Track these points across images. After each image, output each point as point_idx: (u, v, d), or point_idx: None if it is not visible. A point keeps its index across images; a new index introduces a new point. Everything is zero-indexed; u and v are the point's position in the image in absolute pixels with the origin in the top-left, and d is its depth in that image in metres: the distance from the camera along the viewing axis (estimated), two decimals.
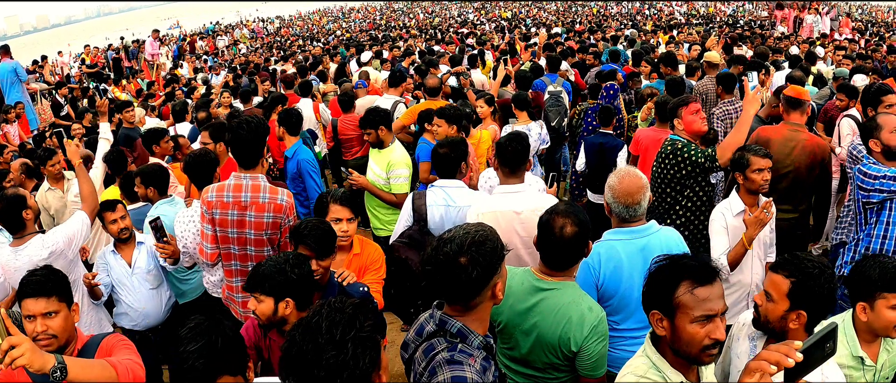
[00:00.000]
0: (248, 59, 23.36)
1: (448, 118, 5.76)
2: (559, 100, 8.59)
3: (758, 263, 4.18)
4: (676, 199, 4.89)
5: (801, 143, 4.99)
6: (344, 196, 3.76)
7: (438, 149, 4.55)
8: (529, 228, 3.70)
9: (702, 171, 4.73)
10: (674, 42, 14.42)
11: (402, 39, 25.36)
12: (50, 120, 13.13)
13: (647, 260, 3.26)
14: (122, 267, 4.76)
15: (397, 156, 5.50)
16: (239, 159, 4.06)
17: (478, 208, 3.95)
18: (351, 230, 3.77)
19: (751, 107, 4.63)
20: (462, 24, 34.17)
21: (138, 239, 4.88)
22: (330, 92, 11.25)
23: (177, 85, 15.46)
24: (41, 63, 21.05)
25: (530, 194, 3.94)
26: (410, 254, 4.31)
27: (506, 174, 3.98)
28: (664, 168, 4.88)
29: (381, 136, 5.51)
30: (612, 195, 3.39)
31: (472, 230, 2.35)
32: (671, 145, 4.84)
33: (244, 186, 4.00)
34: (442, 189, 4.49)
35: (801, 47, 15.70)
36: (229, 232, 4.05)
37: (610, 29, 24.54)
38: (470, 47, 16.42)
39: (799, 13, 24.40)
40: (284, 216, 4.05)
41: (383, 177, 5.47)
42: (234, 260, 4.15)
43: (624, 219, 3.41)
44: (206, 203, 4.06)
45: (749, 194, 4.10)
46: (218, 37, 34.93)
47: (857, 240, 4.25)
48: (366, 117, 5.50)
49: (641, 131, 6.70)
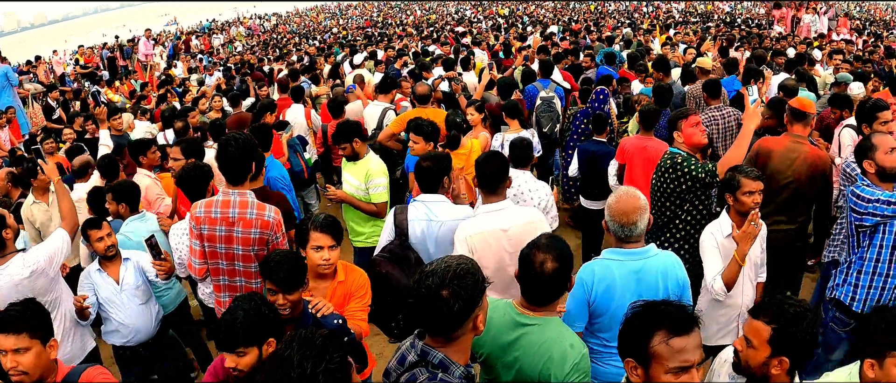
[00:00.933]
0: (243, 57, 23.25)
1: (425, 135, 5.67)
2: (551, 106, 8.49)
3: (748, 284, 4.12)
4: (676, 213, 4.83)
5: (803, 155, 4.96)
6: (325, 223, 3.66)
7: (421, 162, 4.52)
8: (517, 245, 3.62)
9: (702, 186, 4.67)
10: (670, 43, 14.30)
11: (398, 37, 25.28)
12: (41, 124, 13.03)
13: (641, 283, 3.32)
14: (111, 284, 4.70)
15: (374, 166, 5.45)
16: (227, 175, 4.05)
17: (465, 231, 3.92)
18: (333, 257, 3.68)
19: (750, 122, 4.58)
20: (458, 21, 34.02)
21: (124, 255, 4.81)
22: (323, 95, 11.17)
23: (170, 86, 15.34)
24: (35, 63, 20.90)
25: (514, 210, 3.96)
26: (391, 268, 4.30)
27: (486, 194, 3.99)
28: (663, 182, 4.81)
29: (356, 149, 5.45)
30: (609, 214, 3.39)
31: (454, 263, 2.36)
32: (671, 159, 4.77)
33: (232, 202, 4.00)
34: (424, 203, 4.47)
35: (799, 48, 15.60)
36: (217, 247, 4.07)
37: (607, 27, 24.44)
38: (465, 47, 16.30)
39: (796, 12, 24.28)
40: (272, 233, 4.05)
41: (362, 188, 5.43)
42: (223, 275, 4.17)
43: (621, 239, 3.40)
44: (194, 218, 4.06)
45: (739, 215, 4.02)
46: (213, 35, 34.77)
47: (850, 262, 4.17)
48: (339, 131, 5.42)
49: (626, 140, 6.68)
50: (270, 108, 7.68)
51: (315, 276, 3.74)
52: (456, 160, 6.31)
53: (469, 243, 3.88)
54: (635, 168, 6.43)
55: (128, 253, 4.86)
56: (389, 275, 4.27)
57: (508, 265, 3.83)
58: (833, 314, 4.28)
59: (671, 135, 4.93)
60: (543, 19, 31.52)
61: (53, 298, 4.39)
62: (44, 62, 21.51)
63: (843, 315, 4.22)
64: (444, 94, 9.13)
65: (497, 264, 3.91)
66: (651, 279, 3.35)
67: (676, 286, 3.39)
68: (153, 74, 17.66)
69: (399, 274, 4.27)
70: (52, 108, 14.13)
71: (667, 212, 4.85)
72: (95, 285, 4.68)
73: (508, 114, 7.07)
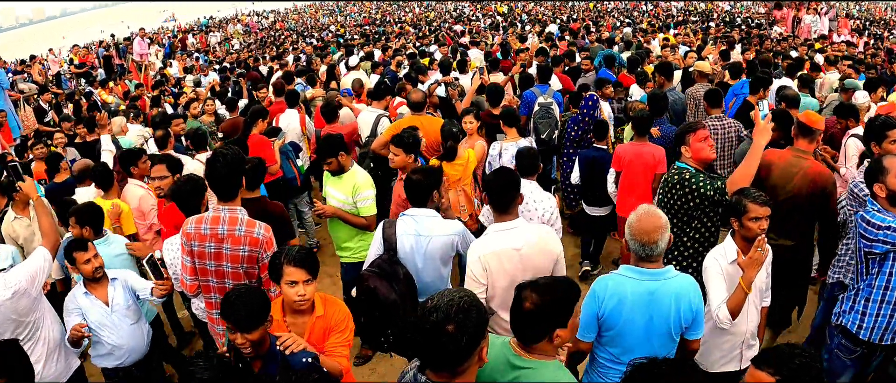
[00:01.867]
0: (239, 56, 23.10)
1: (405, 147, 5.51)
2: (549, 112, 8.35)
3: (753, 310, 3.97)
4: (683, 231, 4.68)
5: (804, 171, 4.81)
6: (299, 256, 3.49)
7: (411, 175, 4.46)
8: (531, 264, 3.79)
9: (711, 204, 4.52)
10: (669, 45, 14.11)
11: (395, 36, 25.12)
12: (33, 126, 12.82)
13: (653, 304, 3.32)
14: (100, 307, 4.53)
15: (360, 179, 5.34)
16: (217, 192, 4.01)
17: (478, 250, 3.85)
18: (309, 293, 3.52)
19: (761, 139, 4.42)
20: (457, 19, 33.85)
21: (111, 275, 4.65)
22: (318, 97, 10.98)
23: (165, 86, 15.18)
24: (29, 63, 20.71)
25: (526, 229, 3.87)
26: (379, 283, 4.28)
27: (500, 212, 3.91)
28: (671, 198, 4.66)
29: (342, 162, 5.31)
30: (630, 233, 3.36)
31: (456, 297, 2.34)
32: (678, 175, 4.61)
33: (222, 218, 3.98)
34: (413, 218, 4.44)
35: (800, 50, 15.43)
36: (207, 264, 4.06)
37: (606, 27, 24.26)
38: (463, 47, 16.11)
39: (797, 13, 24.10)
40: (261, 250, 4.00)
41: (349, 202, 5.31)
42: (213, 292, 4.16)
43: (640, 258, 3.37)
44: (185, 234, 4.05)
45: (744, 241, 3.87)
46: (210, 33, 34.57)
47: (858, 289, 4.01)
48: (324, 146, 5.28)
49: (622, 147, 6.63)
50: (262, 115, 7.50)
51: (292, 312, 3.60)
52: (453, 171, 6.17)
53: (483, 262, 3.80)
54: (632, 175, 6.41)
55: (114, 272, 4.71)
56: (377, 290, 4.25)
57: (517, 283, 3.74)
58: (839, 341, 4.13)
59: (678, 149, 4.78)
60: (542, 18, 31.36)
61: (36, 318, 4.32)
62: (38, 61, 21.31)
63: (849, 342, 4.07)
64: (441, 99, 8.96)
65: (509, 283, 3.77)
66: (664, 301, 3.32)
67: (689, 311, 3.36)
68: (148, 74, 17.46)
69: (386, 289, 4.25)
70: (44, 111, 13.95)
71: (674, 228, 4.67)
72: (83, 310, 4.49)
73: (506, 122, 6.91)
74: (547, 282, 2.74)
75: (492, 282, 3.82)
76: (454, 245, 4.46)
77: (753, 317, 3.98)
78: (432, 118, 7.46)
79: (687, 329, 3.44)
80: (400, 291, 4.30)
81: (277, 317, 3.56)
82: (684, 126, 4.81)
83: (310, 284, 3.51)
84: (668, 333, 3.38)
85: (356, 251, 5.44)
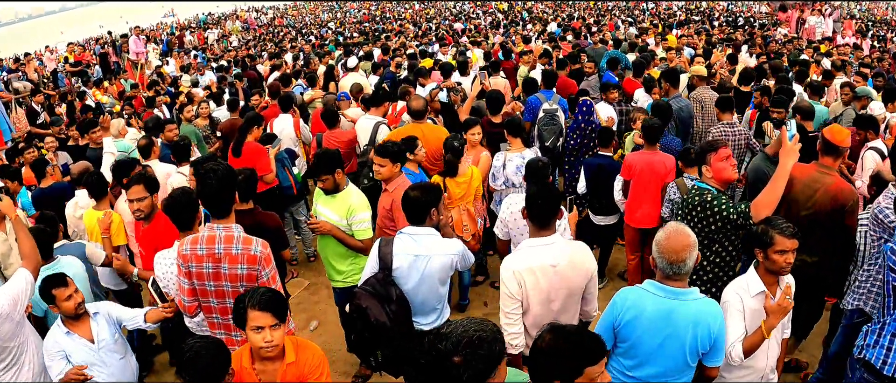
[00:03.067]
0: (237, 54, 22.86)
1: (392, 156, 5.28)
2: (555, 119, 8.09)
3: (774, 343, 3.74)
4: (703, 254, 4.45)
5: (825, 187, 4.62)
6: (264, 299, 3.22)
7: (409, 192, 4.27)
8: (566, 282, 3.72)
9: (733, 228, 4.30)
10: (673, 48, 13.88)
11: (395, 34, 24.89)
12: (25, 129, 12.57)
13: (670, 324, 3.28)
14: (85, 346, 4.20)
15: (356, 200, 5.02)
16: (211, 209, 3.91)
17: (513, 264, 3.74)
18: (277, 338, 3.24)
19: (788, 160, 4.18)
20: (457, 17, 33.60)
21: (91, 310, 4.34)
22: (317, 99, 10.73)
23: (160, 85, 14.93)
24: (24, 60, 20.44)
25: (563, 246, 3.78)
26: (370, 302, 4.12)
27: (538, 227, 3.78)
28: (690, 221, 4.43)
29: (337, 180, 5.00)
30: (658, 251, 3.31)
31: (472, 329, 2.31)
32: (699, 196, 4.39)
33: (217, 237, 3.87)
34: (410, 236, 4.25)
35: (806, 52, 15.21)
36: (207, 285, 3.95)
37: (608, 26, 23.99)
38: (463, 48, 15.83)
39: (801, 14, 23.88)
40: (260, 267, 3.87)
41: (343, 224, 5.00)
42: (215, 313, 4.07)
43: (667, 276, 3.33)
44: (181, 256, 3.94)
45: (768, 273, 3.64)
46: (208, 30, 34.29)
47: (884, 323, 3.78)
48: (320, 162, 4.98)
49: (632, 155, 6.44)
50: (256, 122, 7.26)
51: (260, 359, 3.35)
52: (456, 188, 5.94)
53: (517, 278, 3.70)
54: (642, 184, 6.23)
55: (93, 305, 4.42)
56: (368, 310, 4.10)
57: (553, 301, 3.76)
58: (861, 375, 3.90)
59: (698, 169, 4.58)
60: (543, 16, 31.11)
61: (20, 343, 4.12)
62: (33, 58, 21.02)
63: (872, 376, 3.84)
64: (443, 104, 8.71)
65: (543, 301, 3.77)
66: (682, 324, 3.28)
67: (707, 337, 3.29)
68: (144, 73, 17.19)
69: (377, 310, 4.10)
70: (37, 113, 13.69)
71: None
72: (67, 352, 4.14)
73: (510, 131, 6.65)
74: (573, 331, 2.61)
75: (525, 298, 3.73)
76: (453, 265, 4.29)
77: (774, 350, 3.77)
78: (434, 127, 7.24)
79: (705, 355, 3.36)
80: (391, 312, 4.13)
81: (246, 365, 3.35)
82: (705, 144, 4.59)
83: (277, 329, 3.25)
84: (682, 355, 3.33)
85: (348, 275, 5.18)
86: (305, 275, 7.94)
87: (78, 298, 4.18)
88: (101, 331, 4.29)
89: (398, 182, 5.29)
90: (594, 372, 2.49)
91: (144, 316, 4.47)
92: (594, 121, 7.50)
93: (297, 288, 7.57)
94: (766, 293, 3.62)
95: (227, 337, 4.05)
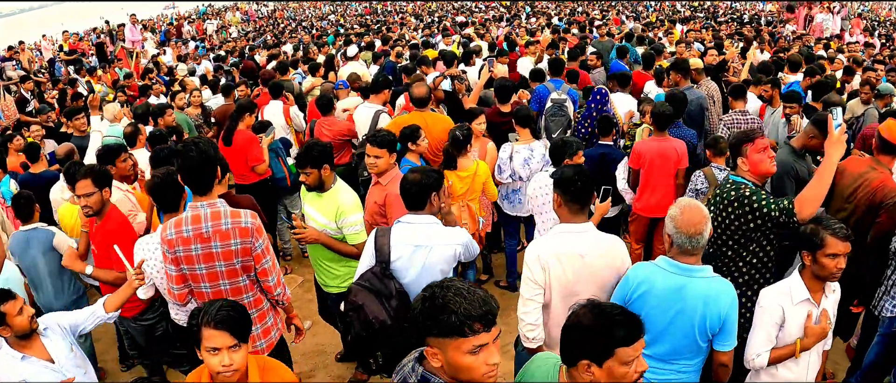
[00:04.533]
0: (236, 44, 22.51)
1: (389, 146, 4.86)
2: (563, 110, 7.70)
3: (815, 356, 3.40)
4: (739, 254, 4.06)
5: (869, 181, 4.36)
6: (221, 317, 2.80)
7: (408, 175, 3.94)
8: (594, 276, 3.51)
9: (774, 225, 3.89)
10: (684, 41, 13.52)
11: (398, 25, 24.56)
12: (14, 116, 12.20)
13: (681, 300, 3.21)
14: (45, 368, 3.64)
15: (346, 200, 4.52)
16: (192, 185, 3.70)
17: (538, 249, 3.53)
18: (236, 361, 2.81)
19: (835, 151, 3.79)
20: (458, 10, 33.22)
21: (40, 325, 3.76)
22: (317, 86, 10.33)
23: (152, 74, 14.55)
24: (17, 48, 20.03)
25: (596, 236, 3.57)
26: (367, 299, 3.77)
27: (572, 211, 3.54)
28: (726, 217, 4.03)
29: (324, 177, 4.50)
30: (675, 225, 3.23)
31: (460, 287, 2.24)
32: (736, 190, 3.98)
33: (203, 216, 3.66)
34: (409, 225, 3.91)
35: (815, 48, 14.88)
36: (197, 268, 3.72)
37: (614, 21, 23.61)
38: (466, 39, 15.43)
39: (809, 11, 23.48)
40: (252, 239, 3.70)
41: (333, 227, 4.52)
42: (209, 298, 3.76)
43: (685, 251, 3.24)
44: (166, 242, 3.70)
45: (815, 279, 3.29)
46: (207, 21, 33.88)
47: None
48: (306, 153, 4.43)
49: (642, 143, 6.17)
50: (248, 109, 6.86)
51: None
52: (459, 183, 5.56)
53: (542, 262, 3.49)
54: (653, 172, 5.98)
55: (41, 320, 3.81)
56: (364, 307, 3.75)
57: (577, 294, 3.46)
58: None
59: (732, 160, 4.20)
60: (546, 10, 30.76)
61: None
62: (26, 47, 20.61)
63: None
64: (446, 93, 8.32)
65: (566, 294, 3.53)
66: (692, 301, 3.20)
67: (717, 317, 3.18)
68: (139, 62, 16.81)
69: (376, 307, 3.78)
70: (26, 100, 13.33)
71: (729, 251, 4.08)
72: (26, 378, 3.58)
73: (519, 122, 6.27)
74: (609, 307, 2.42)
75: (547, 288, 3.53)
76: (457, 255, 3.93)
77: (815, 364, 3.45)
78: (436, 115, 6.85)
79: (715, 336, 3.25)
80: (392, 309, 3.77)
81: None
82: (741, 135, 4.17)
83: (237, 350, 2.83)
84: (692, 334, 3.24)
85: (345, 278, 4.71)
86: (299, 271, 7.58)
87: (29, 311, 3.64)
88: (56, 349, 3.75)
89: (392, 174, 4.85)
90: (627, 355, 2.29)
91: (103, 305, 3.99)
92: (608, 110, 7.16)
93: (291, 284, 7.19)
94: (809, 298, 3.29)
95: None
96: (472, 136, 5.89)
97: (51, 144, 8.59)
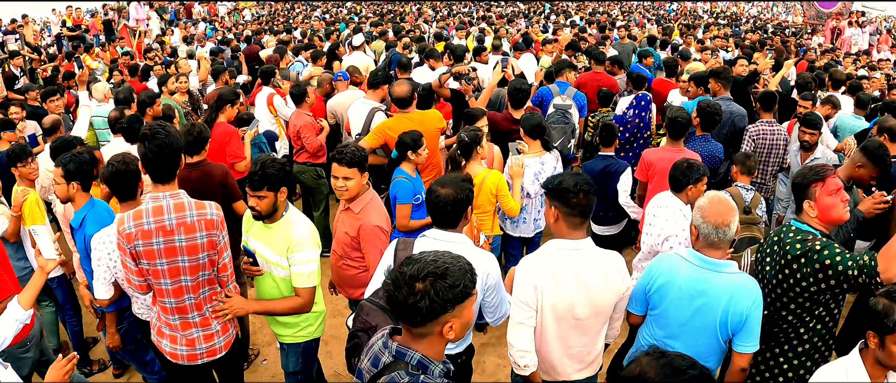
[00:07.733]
0: (248, 27, 22.00)
1: (360, 165, 4.10)
2: (566, 117, 7.04)
3: None
4: (802, 320, 3.38)
5: None
6: None
7: (437, 188, 3.38)
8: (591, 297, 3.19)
9: (849, 287, 3.15)
10: (708, 48, 12.84)
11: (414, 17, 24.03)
12: (1, 93, 11.67)
13: (703, 295, 3.16)
14: None
15: (300, 232, 3.72)
16: (154, 174, 3.43)
17: (529, 266, 3.22)
18: None
19: None
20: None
21: None
22: (315, 75, 9.70)
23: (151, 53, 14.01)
24: (21, 22, 19.49)
25: (593, 253, 3.23)
26: (380, 320, 3.12)
27: (572, 226, 3.18)
28: (790, 276, 3.31)
29: (279, 202, 3.70)
30: (702, 216, 3.18)
31: (443, 259, 2.16)
32: (802, 243, 3.26)
33: (165, 207, 3.42)
34: (436, 242, 3.36)
35: (844, 63, 14.22)
36: (158, 264, 3.45)
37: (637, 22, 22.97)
38: (481, 33, 14.80)
39: (837, 24, 22.69)
40: (217, 232, 3.53)
41: (283, 264, 3.75)
42: (168, 296, 3.55)
43: (711, 243, 3.17)
44: (124, 236, 3.40)
45: (878, 366, 2.66)
46: (220, 2, 33.28)
47: None
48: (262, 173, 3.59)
49: (651, 152, 5.68)
50: (229, 99, 6.12)
51: None
52: None
53: (532, 281, 3.17)
54: (663, 186, 5.24)
55: None
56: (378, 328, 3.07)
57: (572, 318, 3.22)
58: None
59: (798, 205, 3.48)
60: (566, 9, 30.13)
61: None
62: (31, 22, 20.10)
63: None
64: (452, 91, 7.64)
65: (559, 315, 3.23)
66: (714, 297, 3.12)
67: (739, 316, 3.07)
68: (142, 41, 16.27)
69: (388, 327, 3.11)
70: (15, 77, 12.81)
71: (789, 316, 3.39)
72: None
73: (529, 133, 5.59)
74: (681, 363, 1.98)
75: (539, 310, 3.21)
76: (486, 285, 3.33)
77: None
78: (424, 113, 6.12)
79: (735, 335, 3.12)
80: None
81: None
82: (809, 173, 3.43)
83: None
84: (713, 331, 3.15)
85: (302, 325, 4.01)
86: None
87: None
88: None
89: (366, 199, 4.17)
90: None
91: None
92: (647, 118, 6.60)
93: None
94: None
95: (183, 321, 3.62)
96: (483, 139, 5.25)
97: (32, 126, 8.00)
